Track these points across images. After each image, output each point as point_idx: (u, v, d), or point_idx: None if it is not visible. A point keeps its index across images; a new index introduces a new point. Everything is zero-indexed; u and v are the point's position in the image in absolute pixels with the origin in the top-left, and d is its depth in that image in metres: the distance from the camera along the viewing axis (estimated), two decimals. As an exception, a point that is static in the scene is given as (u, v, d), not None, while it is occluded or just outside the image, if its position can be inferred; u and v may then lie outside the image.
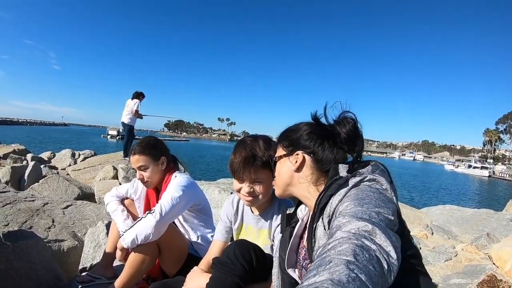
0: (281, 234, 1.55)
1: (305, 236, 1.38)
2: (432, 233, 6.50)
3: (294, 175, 1.38)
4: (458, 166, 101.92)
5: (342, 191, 1.12)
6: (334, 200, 1.11)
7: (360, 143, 1.33)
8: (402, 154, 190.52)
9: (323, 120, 1.40)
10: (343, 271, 0.71)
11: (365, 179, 1.15)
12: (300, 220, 1.48)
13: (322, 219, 1.15)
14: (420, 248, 5.34)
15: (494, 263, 3.88)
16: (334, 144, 1.33)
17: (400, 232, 0.99)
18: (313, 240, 1.19)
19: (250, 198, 1.78)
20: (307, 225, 1.32)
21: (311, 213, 1.33)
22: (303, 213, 1.49)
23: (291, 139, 1.42)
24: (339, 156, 1.32)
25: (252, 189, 1.76)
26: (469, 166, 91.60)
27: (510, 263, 3.64)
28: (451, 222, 7.40)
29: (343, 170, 1.23)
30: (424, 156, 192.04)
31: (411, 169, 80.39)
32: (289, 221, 1.52)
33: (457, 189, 40.14)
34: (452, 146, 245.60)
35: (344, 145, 1.32)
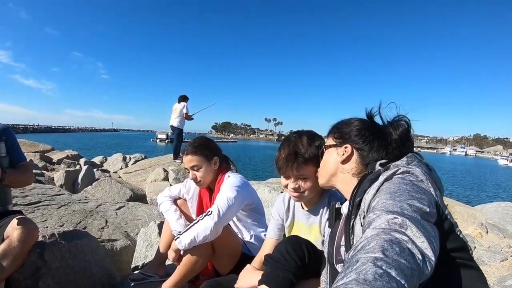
0: (329, 229, 1.54)
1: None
2: (487, 232, 6.29)
3: (338, 166, 1.40)
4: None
5: (375, 185, 1.11)
6: (368, 196, 1.10)
7: (410, 146, 1.32)
8: (453, 149, 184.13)
9: (376, 118, 1.42)
10: (370, 268, 0.68)
11: (398, 172, 1.13)
12: (343, 216, 1.44)
13: (359, 215, 1.13)
14: (475, 247, 5.13)
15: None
16: (383, 144, 1.32)
17: (438, 223, 0.98)
18: (352, 237, 1.17)
19: (296, 194, 1.79)
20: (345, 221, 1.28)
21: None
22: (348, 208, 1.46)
23: (342, 131, 1.43)
24: (384, 155, 1.31)
25: (297, 185, 1.76)
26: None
27: None
28: (507, 220, 7.05)
29: (378, 165, 1.24)
30: (476, 151, 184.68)
31: (463, 164, 77.04)
32: (338, 216, 1.50)
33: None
34: (506, 139, 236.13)
35: (393, 146, 1.31)
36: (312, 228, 1.90)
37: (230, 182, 2.41)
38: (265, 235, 2.32)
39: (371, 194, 1.08)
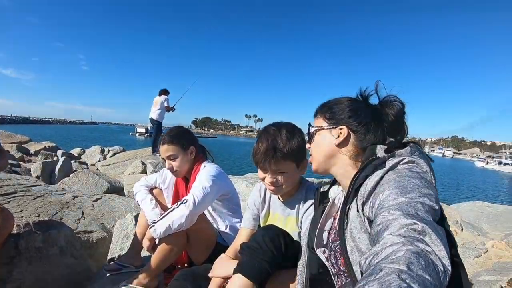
0: (313, 213, 1.53)
1: (337, 217, 1.31)
2: (462, 230, 6.41)
3: (334, 149, 1.32)
4: (488, 162, 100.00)
5: (379, 173, 1.08)
6: (370, 182, 1.07)
7: (405, 127, 1.30)
8: (431, 150, 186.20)
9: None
10: (394, 281, 0.65)
11: (403, 161, 1.10)
12: (331, 200, 1.43)
13: (356, 200, 1.11)
14: (452, 243, 5.30)
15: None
16: (380, 125, 1.29)
17: (440, 221, 0.95)
18: (346, 222, 1.14)
19: (273, 188, 1.75)
20: (340, 206, 1.27)
21: (344, 193, 1.28)
22: (335, 193, 1.45)
23: (335, 111, 1.35)
24: (381, 137, 1.28)
25: (275, 179, 1.72)
26: (500, 163, 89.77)
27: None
28: (481, 218, 7.20)
29: (380, 150, 1.19)
30: (454, 152, 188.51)
31: (441, 165, 77.76)
32: (322, 200, 1.49)
33: (487, 186, 38.86)
34: (483, 142, 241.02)
35: (390, 128, 1.29)
36: (289, 220, 1.88)
37: (206, 172, 2.41)
38: (240, 225, 2.34)
39: (373, 181, 1.06)
